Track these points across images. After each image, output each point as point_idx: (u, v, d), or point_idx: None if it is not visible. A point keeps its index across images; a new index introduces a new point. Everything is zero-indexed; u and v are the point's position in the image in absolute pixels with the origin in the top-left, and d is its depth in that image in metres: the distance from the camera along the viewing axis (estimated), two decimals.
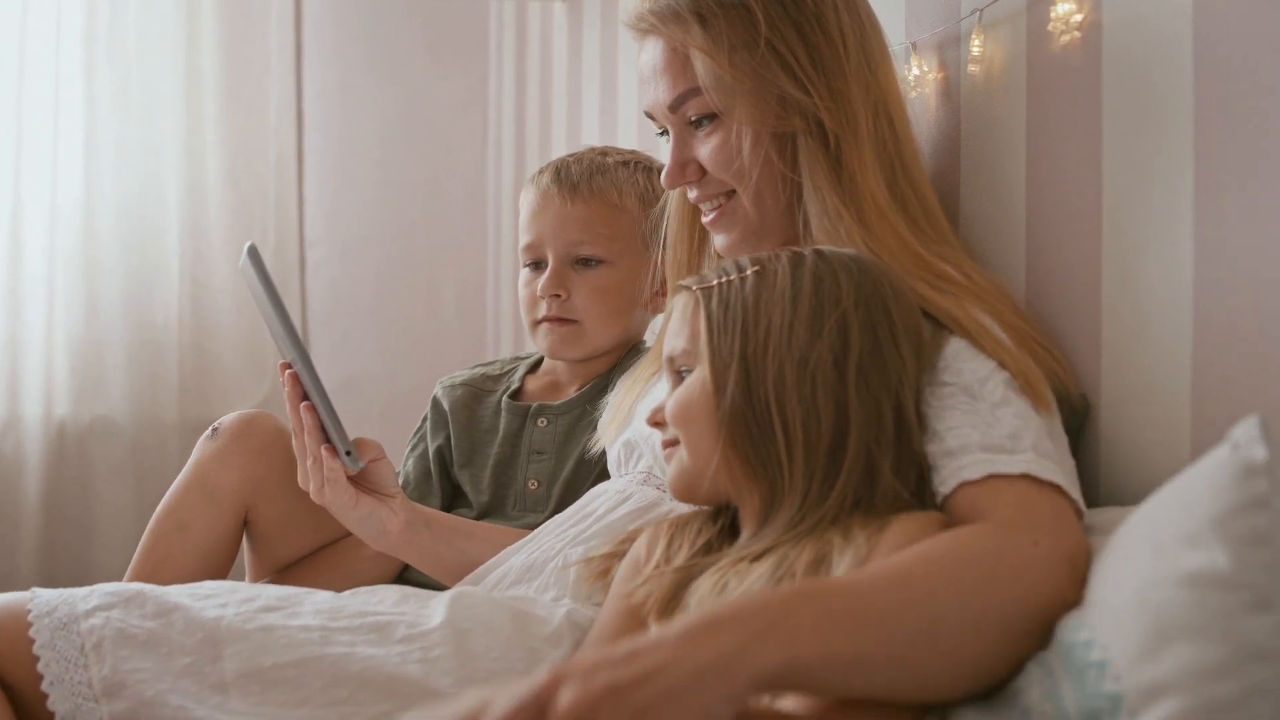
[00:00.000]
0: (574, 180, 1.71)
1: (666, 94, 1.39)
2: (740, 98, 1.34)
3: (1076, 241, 1.34)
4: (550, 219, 1.71)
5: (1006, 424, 1.16)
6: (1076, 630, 0.96)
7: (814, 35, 1.34)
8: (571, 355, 1.73)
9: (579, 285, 1.69)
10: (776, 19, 1.33)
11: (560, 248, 1.70)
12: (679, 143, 1.40)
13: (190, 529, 1.64)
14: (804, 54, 1.33)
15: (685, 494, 1.22)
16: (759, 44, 1.33)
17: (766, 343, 1.16)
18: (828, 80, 1.34)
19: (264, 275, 1.33)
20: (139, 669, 1.18)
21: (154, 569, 1.63)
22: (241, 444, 1.65)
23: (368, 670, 1.18)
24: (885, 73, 1.39)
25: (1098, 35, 1.31)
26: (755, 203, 1.38)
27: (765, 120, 1.34)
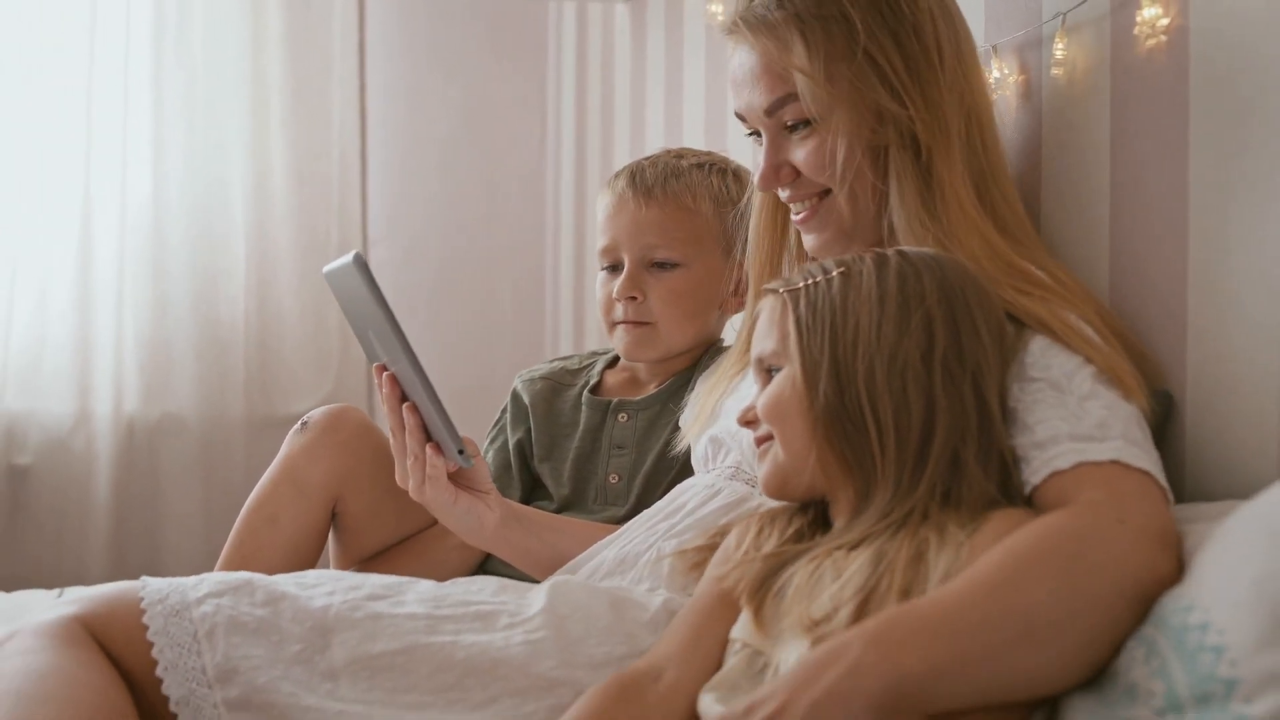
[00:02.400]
0: (648, 184, 1.73)
1: (763, 99, 1.41)
2: (836, 107, 1.36)
3: (1161, 245, 1.36)
4: (625, 223, 1.73)
5: (1095, 415, 1.18)
6: (1188, 612, 0.98)
7: (910, 45, 1.36)
8: (647, 357, 1.75)
9: (654, 288, 1.72)
10: (875, 28, 1.35)
11: (636, 251, 1.72)
12: (773, 146, 1.42)
13: (280, 521, 1.68)
14: (900, 64, 1.35)
15: (779, 490, 1.25)
16: (856, 54, 1.35)
17: (856, 341, 1.19)
18: (923, 90, 1.36)
19: (370, 279, 1.36)
20: (251, 656, 1.21)
21: (244, 561, 1.67)
22: (330, 437, 1.69)
23: (473, 657, 1.21)
24: (978, 79, 1.41)
25: (1184, 39, 1.33)
26: (849, 204, 1.40)
27: (861, 130, 1.37)
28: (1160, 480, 1.17)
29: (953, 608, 1.02)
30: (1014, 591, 1.02)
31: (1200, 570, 1.03)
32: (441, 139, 3.45)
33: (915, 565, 1.10)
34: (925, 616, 1.01)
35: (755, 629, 1.16)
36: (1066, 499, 1.14)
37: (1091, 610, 1.03)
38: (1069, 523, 1.08)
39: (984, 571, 1.04)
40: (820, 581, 1.13)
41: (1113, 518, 1.09)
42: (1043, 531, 1.07)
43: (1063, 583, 1.03)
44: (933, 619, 1.01)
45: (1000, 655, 1.00)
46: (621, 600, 1.29)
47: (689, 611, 1.24)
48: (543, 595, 1.28)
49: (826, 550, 1.16)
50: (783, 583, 1.16)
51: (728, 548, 1.26)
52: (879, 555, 1.12)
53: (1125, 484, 1.14)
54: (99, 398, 3.13)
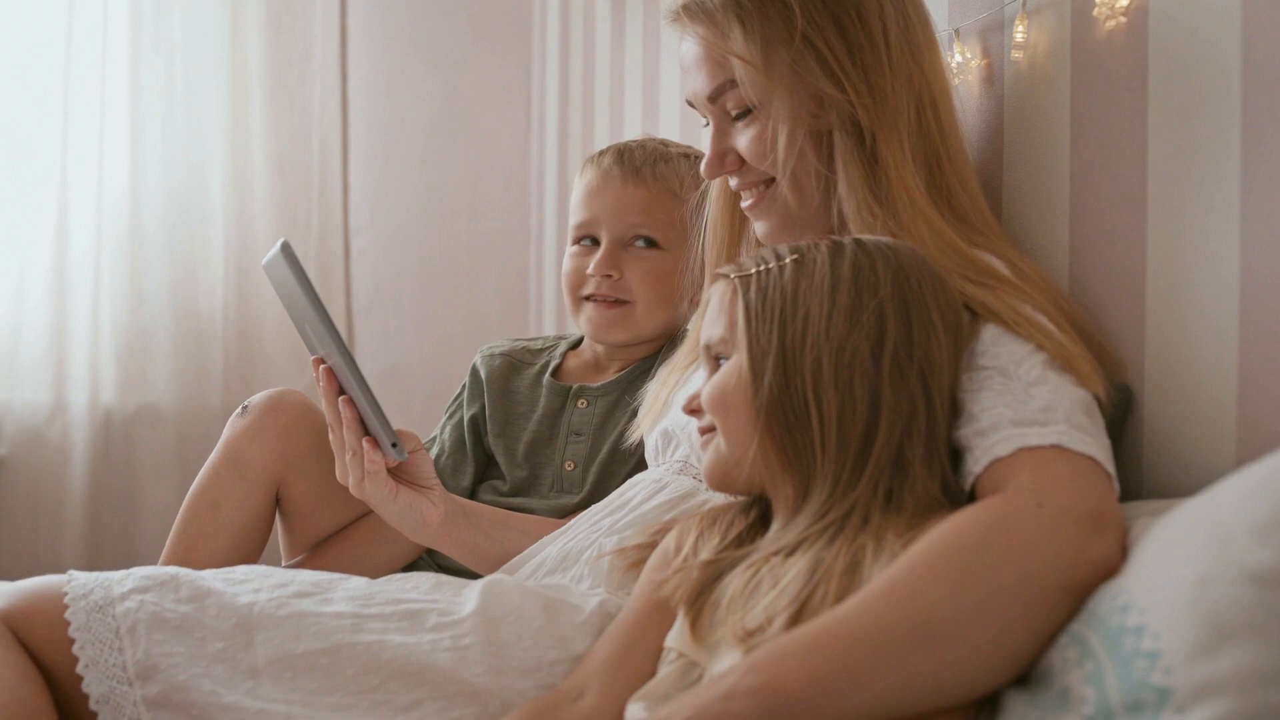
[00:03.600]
0: (637, 164, 1.71)
1: (705, 86, 1.38)
2: (776, 93, 1.33)
3: (1121, 231, 1.32)
4: (609, 199, 1.71)
5: (1040, 399, 1.14)
6: (1125, 612, 0.93)
7: (852, 28, 1.32)
8: (615, 339, 1.72)
9: (632, 267, 1.69)
10: (814, 12, 1.31)
11: (617, 228, 1.70)
12: (718, 133, 1.40)
13: (223, 507, 1.65)
14: (841, 48, 1.32)
15: (720, 483, 1.21)
16: (794, 39, 1.31)
17: (805, 332, 1.15)
18: (866, 75, 1.32)
19: (299, 269, 1.32)
20: (172, 653, 1.18)
21: (188, 550, 1.64)
22: (271, 419, 1.66)
23: (398, 659, 1.18)
24: (931, 62, 1.37)
25: (1144, 21, 1.29)
26: (793, 192, 1.37)
27: (801, 115, 1.33)
28: (1106, 466, 1.11)
29: (839, 619, 0.98)
30: (909, 593, 0.98)
31: (1140, 565, 0.98)
32: (424, 128, 3.42)
33: (851, 574, 1.06)
34: (807, 632, 0.97)
35: (690, 639, 1.12)
36: (998, 486, 1.09)
37: (998, 602, 0.98)
38: (978, 514, 1.03)
39: (882, 578, 1.00)
40: (756, 590, 1.09)
41: (1030, 503, 1.03)
42: (947, 528, 1.02)
43: (963, 576, 0.98)
44: (815, 633, 0.97)
45: (895, 661, 0.95)
46: (555, 602, 1.26)
47: (624, 621, 1.21)
48: (476, 596, 1.25)
49: (764, 556, 1.12)
50: (720, 591, 1.12)
51: (667, 551, 1.22)
52: (815, 563, 1.07)
53: (1060, 468, 1.08)
54: (75, 388, 3.10)
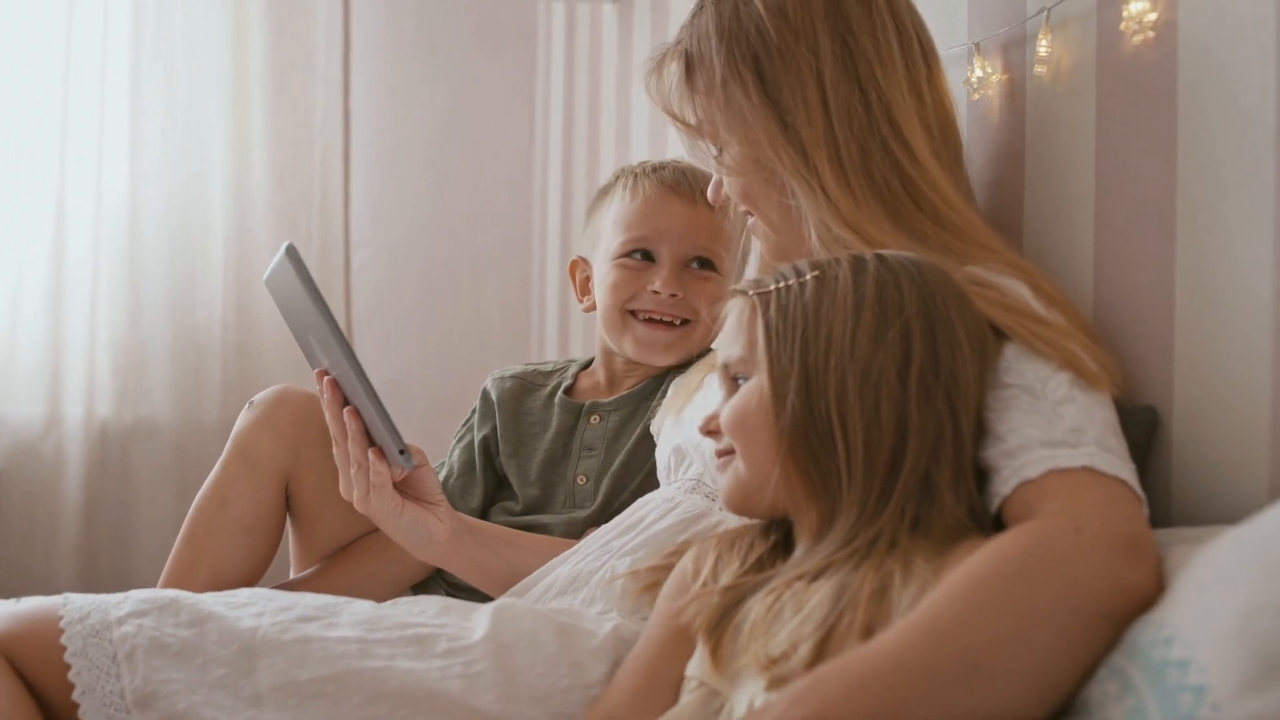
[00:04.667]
0: (701, 187, 1.66)
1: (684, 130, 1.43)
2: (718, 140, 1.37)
3: (1148, 250, 1.29)
4: (673, 217, 1.67)
5: (1069, 419, 1.11)
6: (1168, 645, 0.91)
7: (772, 70, 1.32)
8: (667, 360, 1.69)
9: (693, 287, 1.67)
10: (737, 58, 1.33)
11: (682, 248, 1.67)
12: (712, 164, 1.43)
13: (230, 504, 1.62)
14: (756, 93, 1.32)
15: (740, 507, 1.17)
16: (715, 90, 1.34)
17: (828, 352, 1.11)
18: (782, 118, 1.32)
19: (305, 274, 1.29)
20: (172, 680, 1.15)
21: (195, 551, 1.62)
22: (279, 410, 1.63)
23: (406, 686, 1.14)
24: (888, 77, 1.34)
25: (1173, 35, 1.26)
26: (764, 221, 1.39)
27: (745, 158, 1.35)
28: (1136, 489, 1.09)
29: (884, 654, 0.95)
30: (953, 626, 0.95)
31: (1182, 597, 0.96)
32: (427, 138, 3.39)
33: (878, 600, 1.02)
34: (852, 668, 0.94)
35: (711, 667, 1.08)
36: (1030, 510, 1.07)
37: (1041, 633, 0.96)
38: (1015, 541, 1.01)
39: (922, 609, 0.97)
40: (779, 616, 1.06)
41: (1068, 528, 1.01)
42: (985, 556, 1.00)
43: (1005, 607, 0.96)
44: (861, 669, 0.94)
45: (944, 698, 0.93)
46: (568, 627, 1.23)
47: (643, 650, 1.18)
48: (486, 621, 1.21)
49: (786, 581, 1.09)
50: (741, 617, 1.09)
51: (684, 575, 1.19)
52: (840, 589, 1.04)
53: (1093, 491, 1.06)
54: (71, 400, 3.07)
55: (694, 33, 1.37)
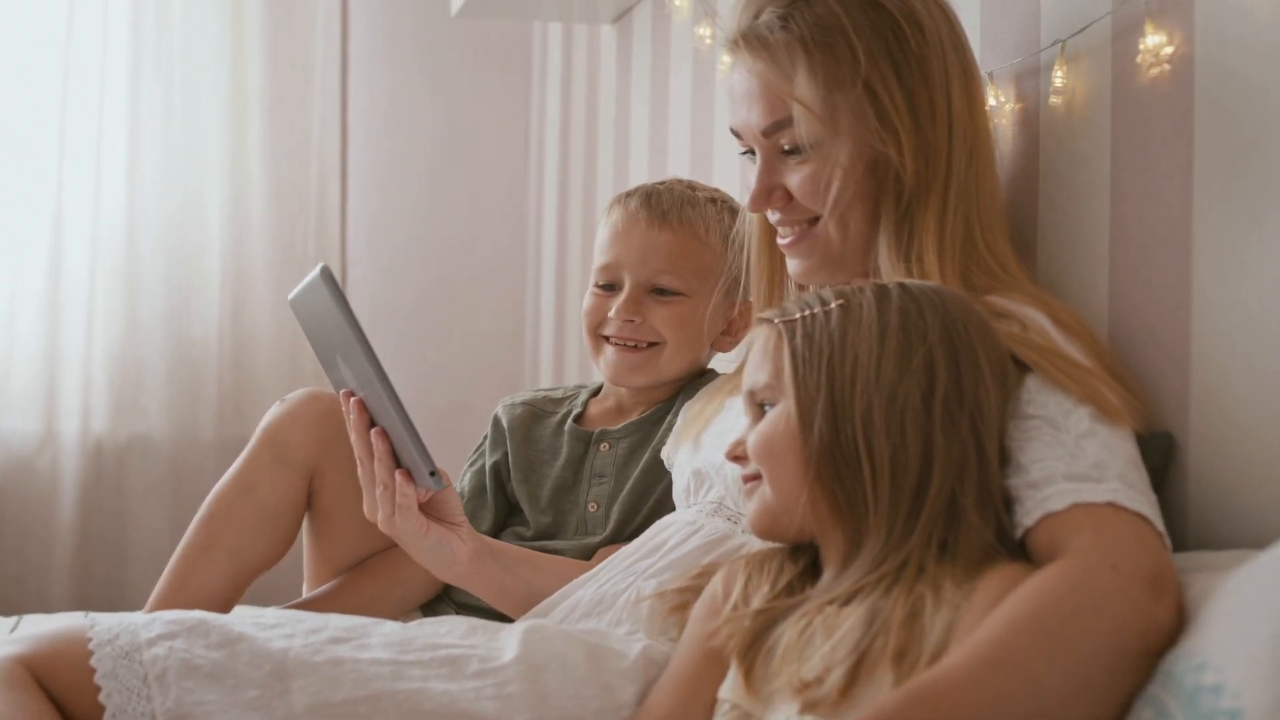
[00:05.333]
0: (664, 208, 1.68)
1: (760, 121, 1.37)
2: (834, 138, 1.33)
3: (1164, 278, 1.31)
4: (635, 243, 1.68)
5: (1092, 454, 1.14)
6: (1200, 671, 0.93)
7: (912, 79, 1.32)
8: (635, 382, 1.70)
9: (655, 312, 1.67)
10: (878, 59, 1.31)
11: (641, 274, 1.67)
12: (767, 168, 1.38)
13: (256, 490, 1.63)
14: (901, 100, 1.32)
15: (767, 532, 1.19)
16: (857, 85, 1.31)
17: (854, 378, 1.13)
18: (919, 130, 1.32)
19: (339, 295, 1.30)
20: (204, 701, 1.15)
21: (213, 531, 1.63)
22: (311, 406, 1.65)
23: (441, 707, 1.15)
24: (981, 114, 1.38)
25: (1189, 69, 1.28)
26: (838, 232, 1.37)
27: (857, 162, 1.33)
28: (1157, 524, 1.12)
29: (956, 687, 0.97)
30: (1018, 664, 0.98)
31: (1211, 625, 0.98)
32: (424, 157, 3.41)
33: (910, 625, 1.04)
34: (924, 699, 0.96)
35: (745, 690, 1.10)
36: (1058, 543, 1.09)
37: (1093, 672, 0.99)
38: (1062, 581, 1.03)
39: (987, 643, 0.99)
40: (811, 641, 1.08)
41: (1105, 565, 1.04)
42: (1038, 593, 1.02)
43: (1063, 647, 0.99)
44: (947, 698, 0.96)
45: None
46: (599, 648, 1.24)
47: (676, 673, 1.19)
48: (516, 642, 1.22)
49: (818, 606, 1.10)
50: (773, 641, 1.10)
51: (714, 597, 1.20)
52: (872, 613, 1.06)
53: (1119, 527, 1.09)
54: (66, 416, 3.07)
55: (812, 22, 1.32)
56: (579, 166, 3.05)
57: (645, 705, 1.19)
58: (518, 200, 3.44)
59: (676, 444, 1.58)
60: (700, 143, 2.38)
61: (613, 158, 2.83)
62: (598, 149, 2.92)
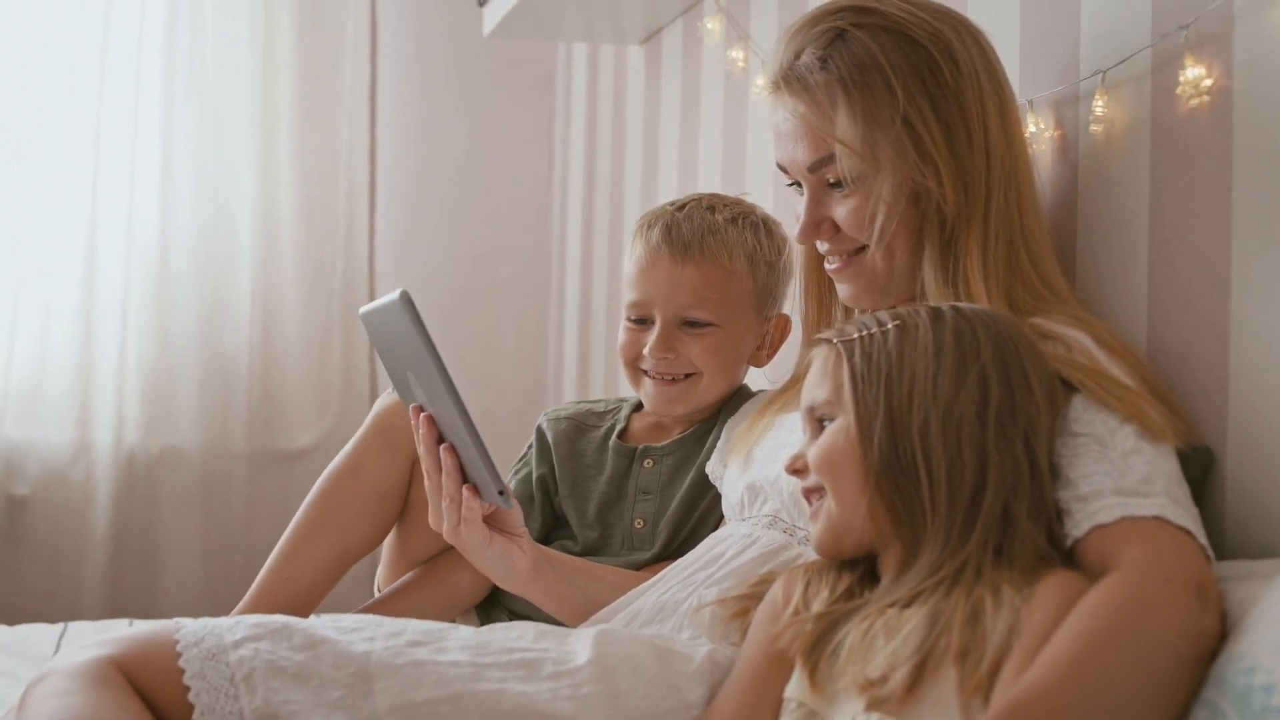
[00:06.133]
0: (685, 241, 1.69)
1: (805, 157, 1.43)
2: (876, 172, 1.39)
3: (1203, 301, 1.37)
4: (660, 280, 1.70)
5: (1139, 470, 1.20)
6: (1250, 674, 0.99)
7: (949, 112, 1.38)
8: (678, 412, 1.74)
9: (688, 344, 1.70)
10: (915, 95, 1.37)
11: (669, 311, 1.70)
12: (814, 202, 1.45)
13: (365, 471, 1.70)
14: (939, 133, 1.38)
15: (832, 548, 1.24)
16: (896, 122, 1.37)
17: (911, 395, 1.19)
18: (958, 162, 1.38)
19: (417, 318, 1.36)
20: (291, 700, 1.20)
21: (325, 509, 1.70)
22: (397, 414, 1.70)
23: (520, 708, 1.20)
24: (1019, 140, 1.43)
25: (1228, 101, 1.34)
26: (884, 260, 1.43)
27: (899, 194, 1.39)
28: (1200, 538, 1.18)
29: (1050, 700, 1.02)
30: (1099, 678, 1.03)
31: (1259, 631, 1.04)
32: (450, 176, 3.46)
33: (972, 626, 1.10)
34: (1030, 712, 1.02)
35: (810, 689, 1.15)
36: (1108, 554, 1.15)
37: (1159, 681, 1.05)
38: (1125, 594, 1.09)
39: (1066, 659, 1.04)
40: (874, 641, 1.13)
41: (1160, 578, 1.10)
42: (1105, 608, 1.08)
43: (1133, 660, 1.05)
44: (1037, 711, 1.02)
45: None
46: (667, 652, 1.29)
47: (742, 675, 1.24)
48: (589, 645, 1.27)
49: (879, 609, 1.16)
50: (836, 642, 1.16)
51: (775, 603, 1.26)
52: (934, 615, 1.11)
53: (1166, 540, 1.15)
54: (99, 428, 3.11)
55: (850, 61, 1.39)
56: (604, 185, 3.10)
57: (713, 706, 1.24)
58: (542, 218, 3.49)
59: (724, 460, 1.63)
60: (732, 165, 2.43)
61: (640, 176, 2.87)
62: (624, 168, 2.97)
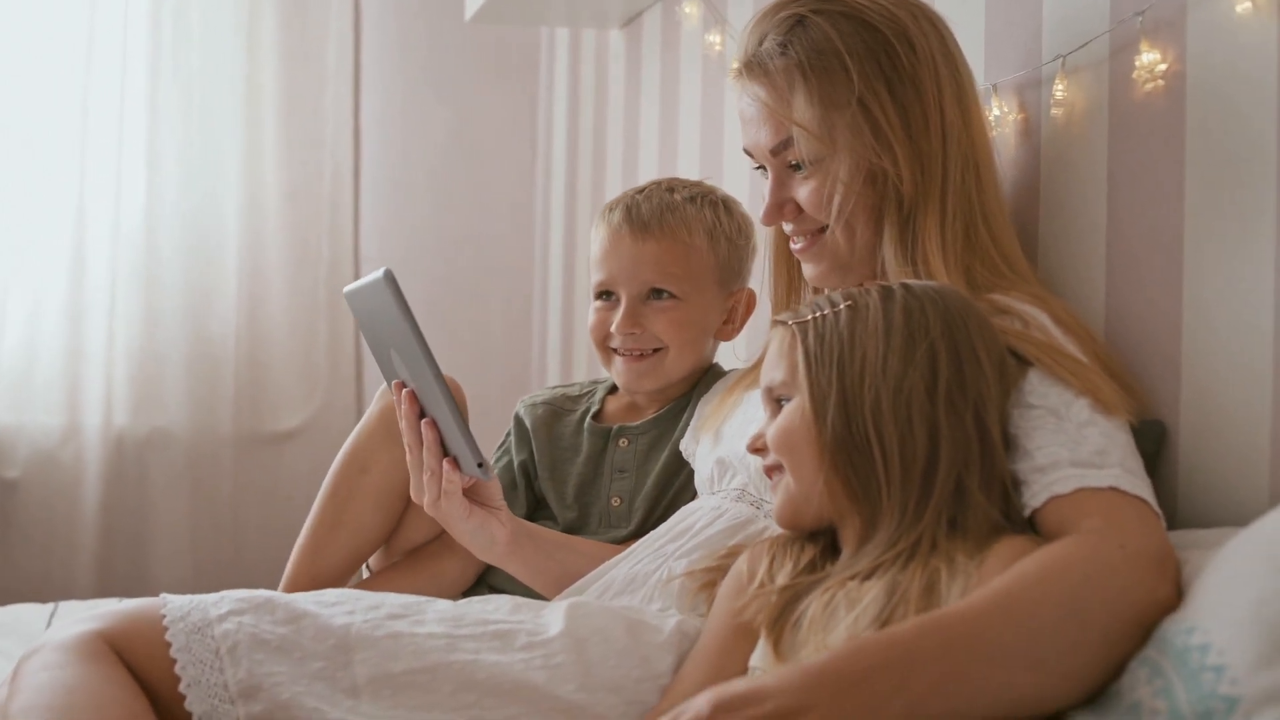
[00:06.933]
0: (644, 219, 1.74)
1: (768, 140, 1.48)
2: (833, 154, 1.43)
3: (1156, 282, 1.41)
4: (623, 258, 1.75)
5: (1093, 442, 1.24)
6: (1189, 634, 1.03)
7: (905, 95, 1.42)
8: (646, 387, 1.78)
9: (654, 319, 1.74)
10: (871, 76, 1.41)
11: (633, 286, 1.75)
12: (777, 184, 1.49)
13: (371, 470, 1.73)
14: (894, 115, 1.42)
15: (791, 521, 1.29)
16: (851, 104, 1.41)
17: (863, 373, 1.23)
18: (914, 142, 1.42)
19: (400, 297, 1.39)
20: (274, 672, 1.24)
21: (338, 510, 1.75)
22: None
23: (494, 677, 1.24)
24: (977, 122, 1.47)
25: (1181, 85, 1.38)
26: (845, 239, 1.47)
27: (856, 175, 1.43)
28: (1155, 507, 1.22)
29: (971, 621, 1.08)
30: (1025, 614, 1.08)
31: (1201, 594, 1.08)
32: (434, 160, 3.48)
33: (928, 595, 1.14)
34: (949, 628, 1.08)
35: (774, 658, 1.20)
36: (1066, 524, 1.19)
37: (1096, 635, 1.09)
38: (1074, 551, 1.13)
39: (997, 590, 1.10)
40: (835, 613, 1.18)
41: (1114, 544, 1.14)
42: (1052, 559, 1.12)
43: (1069, 610, 1.09)
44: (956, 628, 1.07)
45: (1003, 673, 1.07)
46: (637, 623, 1.33)
47: (708, 645, 1.28)
48: (561, 617, 1.31)
49: (840, 581, 1.20)
50: (799, 613, 1.20)
51: (740, 576, 1.30)
52: (892, 586, 1.16)
53: (1124, 511, 1.19)
54: (89, 411, 3.15)
55: (809, 46, 1.43)
56: (587, 168, 3.12)
57: (680, 675, 1.28)
58: (526, 201, 3.51)
59: (696, 437, 1.67)
60: (710, 146, 2.46)
61: (621, 159, 2.90)
62: (606, 151, 2.99)
